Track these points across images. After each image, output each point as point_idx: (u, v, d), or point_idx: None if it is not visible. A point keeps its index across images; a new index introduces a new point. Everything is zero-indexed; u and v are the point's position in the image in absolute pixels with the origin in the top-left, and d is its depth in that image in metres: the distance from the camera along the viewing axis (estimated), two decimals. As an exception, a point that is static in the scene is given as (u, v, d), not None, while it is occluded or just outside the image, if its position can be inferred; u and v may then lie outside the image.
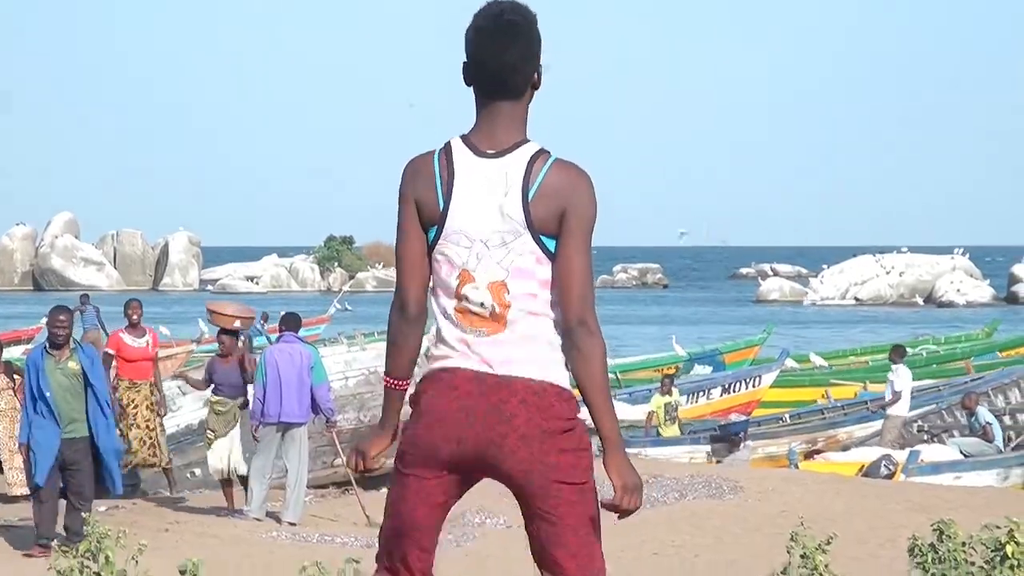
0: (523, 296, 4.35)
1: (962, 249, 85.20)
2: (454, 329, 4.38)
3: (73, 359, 12.75)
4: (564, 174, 4.34)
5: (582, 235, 4.34)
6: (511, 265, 4.34)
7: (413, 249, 4.41)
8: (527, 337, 4.35)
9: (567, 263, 4.32)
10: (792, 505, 15.41)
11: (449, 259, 4.39)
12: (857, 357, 37.33)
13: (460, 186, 4.36)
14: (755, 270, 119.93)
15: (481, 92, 4.40)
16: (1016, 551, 6.68)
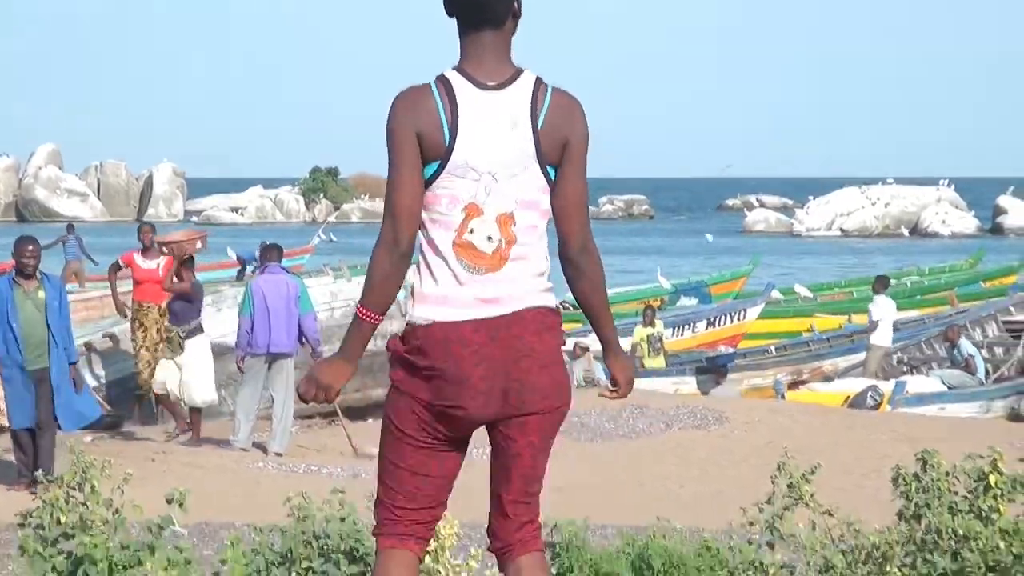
0: (526, 228, 4.37)
1: (947, 180, 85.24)
2: (449, 267, 4.34)
3: (42, 289, 12.70)
4: (564, 103, 4.37)
5: (581, 161, 4.40)
6: (520, 197, 4.35)
7: (411, 185, 4.36)
8: (524, 272, 4.36)
9: (571, 190, 4.40)
10: (778, 435, 15.47)
11: (453, 193, 4.34)
12: (842, 289, 37.37)
13: (466, 119, 4.32)
14: (741, 201, 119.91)
15: (465, 22, 4.36)
16: (999, 481, 6.70)
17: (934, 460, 6.82)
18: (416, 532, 4.51)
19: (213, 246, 53.53)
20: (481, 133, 4.32)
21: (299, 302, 15.32)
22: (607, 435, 16.67)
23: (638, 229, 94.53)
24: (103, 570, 6.69)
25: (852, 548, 6.86)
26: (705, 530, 9.19)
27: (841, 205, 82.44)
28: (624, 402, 18.36)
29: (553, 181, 4.38)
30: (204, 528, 11.63)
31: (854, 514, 7.07)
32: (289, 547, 7.01)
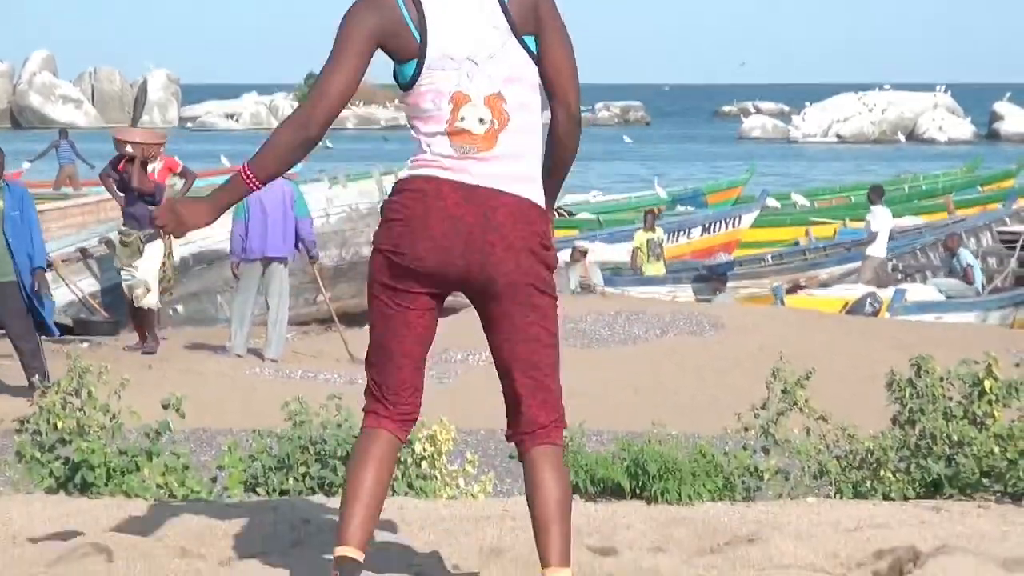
0: (518, 106, 4.32)
1: (944, 86, 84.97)
2: (443, 147, 4.34)
3: (1, 198, 12.51)
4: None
5: (557, 23, 4.34)
6: (504, 75, 4.30)
7: (340, 74, 4.31)
8: (515, 155, 4.32)
9: (557, 56, 4.34)
10: (773, 341, 15.49)
11: (436, 88, 4.32)
12: (836, 195, 37.34)
13: (432, 11, 4.29)
14: (737, 108, 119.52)
15: None
16: (994, 386, 6.72)
17: (928, 366, 6.83)
18: (392, 414, 4.48)
19: (208, 153, 53.42)
20: (450, 21, 4.29)
21: (295, 206, 15.29)
22: (602, 341, 16.71)
23: (634, 135, 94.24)
24: (101, 475, 6.72)
25: (846, 453, 6.89)
26: (700, 436, 9.23)
27: (838, 111, 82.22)
28: (620, 308, 18.38)
29: (535, 52, 4.32)
30: (202, 434, 11.69)
31: (849, 420, 7.09)
32: (286, 452, 7.04)
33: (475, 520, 5.67)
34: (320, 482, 6.94)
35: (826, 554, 5.18)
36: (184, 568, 4.74)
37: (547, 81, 4.36)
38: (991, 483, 6.59)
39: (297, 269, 17.02)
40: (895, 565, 5.09)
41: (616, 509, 6.11)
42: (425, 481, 7.10)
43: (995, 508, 6.30)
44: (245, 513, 5.82)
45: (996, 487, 6.58)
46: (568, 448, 6.77)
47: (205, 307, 18.82)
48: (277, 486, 6.98)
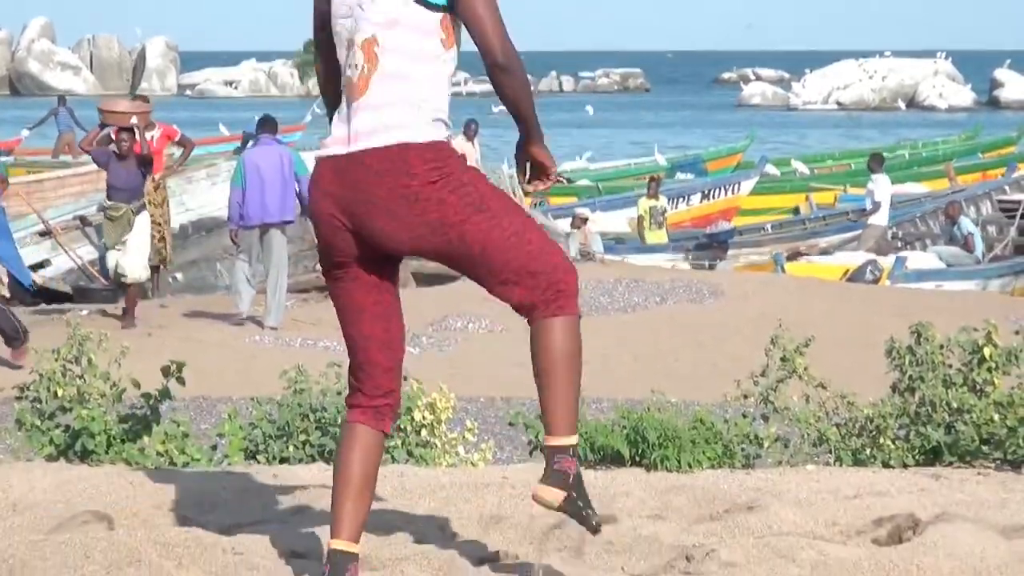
0: (392, 49, 4.20)
1: (944, 53, 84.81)
2: (334, 119, 4.34)
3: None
4: None
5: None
6: (380, 18, 4.20)
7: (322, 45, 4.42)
8: (385, 103, 4.20)
9: (466, 5, 4.17)
10: (773, 309, 15.49)
11: (339, 35, 4.31)
12: (837, 161, 37.28)
13: None
14: (737, 75, 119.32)
15: None
16: (993, 353, 6.72)
17: (928, 333, 6.83)
18: (368, 404, 4.40)
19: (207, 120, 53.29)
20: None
21: (294, 169, 15.20)
22: (602, 309, 16.71)
23: (634, 102, 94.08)
24: (101, 443, 6.73)
25: (846, 421, 6.90)
26: (700, 403, 9.24)
27: (838, 78, 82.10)
28: (620, 275, 18.38)
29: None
30: (202, 402, 11.70)
31: (848, 387, 7.10)
32: (286, 420, 7.05)
33: (475, 487, 5.68)
34: (320, 450, 6.95)
35: (826, 522, 5.18)
36: (185, 536, 4.75)
37: (468, 32, 4.21)
38: (990, 450, 6.59)
39: (296, 236, 17.00)
40: (894, 532, 5.10)
41: (615, 476, 6.11)
42: (425, 449, 7.11)
43: (994, 475, 6.30)
44: (245, 481, 5.82)
45: (996, 454, 6.59)
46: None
47: (204, 274, 18.82)
48: (277, 454, 6.99)
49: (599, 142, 54.86)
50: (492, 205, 4.23)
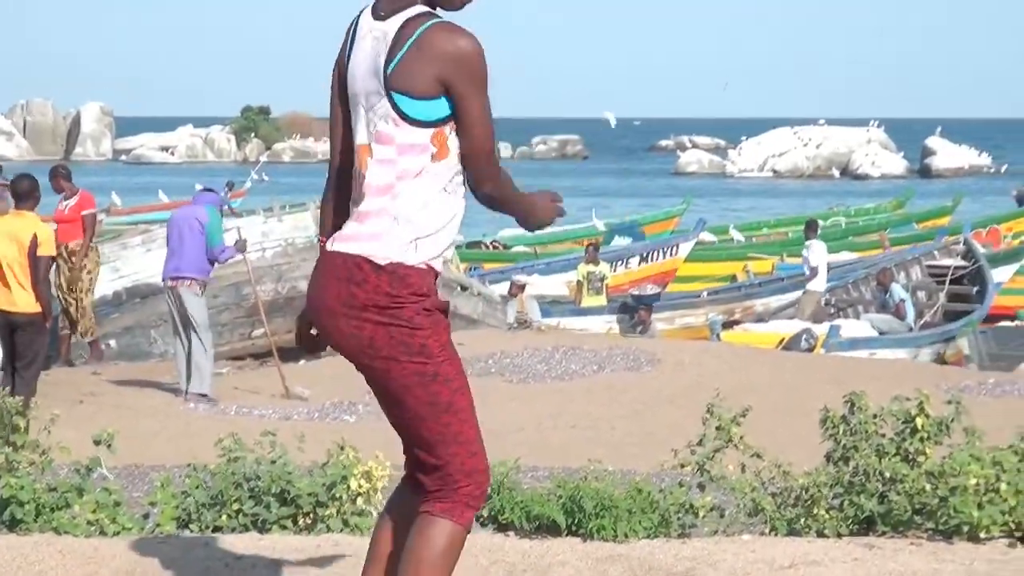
0: (380, 163, 4.20)
1: (877, 121, 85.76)
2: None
3: None
4: (440, 36, 4.13)
5: (476, 94, 4.15)
6: (373, 128, 4.22)
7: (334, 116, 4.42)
8: (372, 211, 4.20)
9: (463, 136, 4.18)
10: (709, 377, 15.54)
11: (349, 120, 4.35)
12: (772, 229, 37.56)
13: (355, 49, 4.27)
14: (674, 142, 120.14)
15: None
16: (925, 423, 6.76)
17: (862, 402, 6.86)
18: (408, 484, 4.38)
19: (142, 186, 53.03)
20: (356, 59, 4.25)
21: (204, 228, 14.85)
22: (539, 376, 16.70)
23: (572, 170, 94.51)
24: (30, 512, 6.64)
25: (781, 490, 6.90)
26: (637, 472, 9.24)
27: (773, 146, 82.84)
28: (557, 343, 18.38)
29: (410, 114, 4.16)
30: (134, 470, 11.58)
31: (784, 456, 7.11)
32: (220, 489, 6.99)
33: (409, 558, 5.62)
34: (254, 519, 6.89)
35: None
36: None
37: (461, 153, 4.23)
38: (923, 520, 6.62)
39: (232, 303, 16.91)
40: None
41: (551, 546, 6.09)
42: (361, 518, 7.06)
43: (927, 545, 6.32)
44: (177, 550, 5.76)
45: (928, 524, 6.61)
46: (503, 485, 6.75)
47: (138, 341, 18.67)
48: (210, 523, 6.92)
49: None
50: (432, 365, 4.16)
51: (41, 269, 12.15)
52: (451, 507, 4.17)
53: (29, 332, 12.26)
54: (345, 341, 4.20)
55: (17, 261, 12.19)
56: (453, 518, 4.16)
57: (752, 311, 24.51)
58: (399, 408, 4.21)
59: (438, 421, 4.17)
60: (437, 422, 4.17)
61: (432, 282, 4.20)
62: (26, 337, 12.28)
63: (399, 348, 4.14)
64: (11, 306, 12.23)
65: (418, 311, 4.14)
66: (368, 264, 4.16)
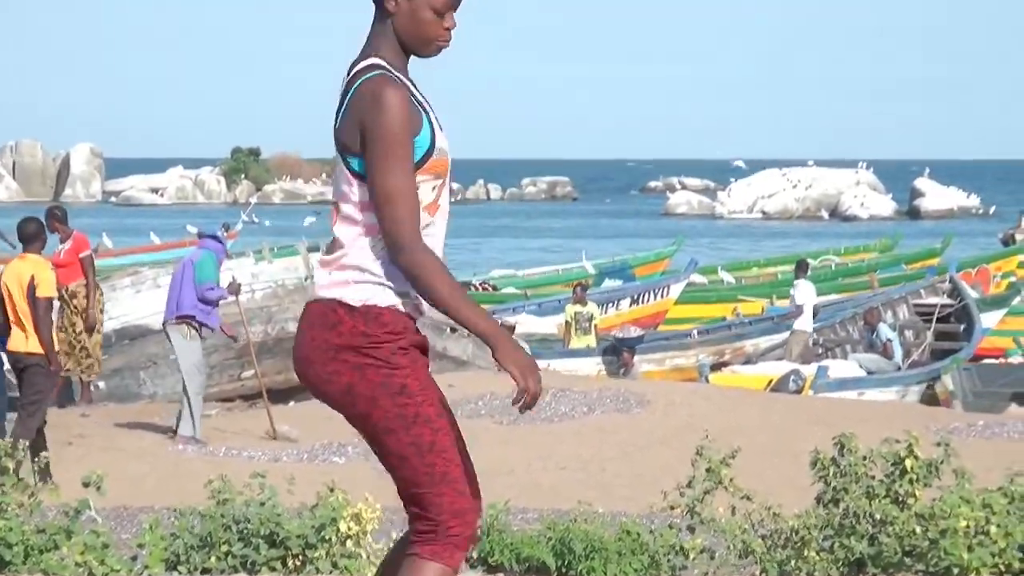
0: (344, 220, 4.22)
1: (866, 163, 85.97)
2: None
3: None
4: (366, 90, 4.14)
5: (376, 155, 4.12)
6: (338, 186, 4.25)
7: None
8: (342, 263, 4.22)
9: (371, 187, 4.16)
10: (699, 419, 15.53)
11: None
12: (761, 269, 37.58)
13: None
14: (663, 184, 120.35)
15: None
16: (915, 465, 6.76)
17: (851, 444, 6.87)
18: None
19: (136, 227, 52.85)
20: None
21: (195, 268, 14.87)
22: (528, 418, 16.67)
23: (561, 211, 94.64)
24: (19, 554, 6.63)
25: (771, 532, 6.90)
26: (626, 514, 9.22)
27: (763, 187, 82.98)
28: (547, 385, 18.32)
29: (358, 171, 4.17)
30: (122, 512, 11.54)
31: (773, 498, 7.11)
32: (209, 531, 6.97)
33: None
34: (243, 560, 6.88)
35: (751, 634, 5.17)
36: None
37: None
38: (913, 562, 6.62)
39: (221, 344, 16.89)
40: (819, 645, 5.09)
41: (541, 589, 6.08)
42: (350, 560, 7.04)
43: (918, 587, 6.31)
44: (166, 594, 5.75)
45: (918, 566, 6.61)
46: (493, 527, 6.74)
47: (128, 383, 18.65)
48: (199, 564, 6.91)
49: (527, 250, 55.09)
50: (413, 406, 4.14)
51: (40, 310, 12.28)
52: (439, 549, 4.15)
53: (32, 373, 12.42)
54: (324, 388, 4.21)
55: (21, 304, 12.32)
56: (441, 560, 4.13)
57: (742, 352, 24.53)
58: (383, 451, 4.21)
59: (423, 461, 4.15)
60: (422, 462, 4.16)
61: (407, 322, 4.20)
62: (29, 378, 12.43)
63: (379, 389, 4.14)
64: (20, 347, 12.39)
65: (394, 350, 4.14)
66: (342, 307, 4.17)
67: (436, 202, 4.24)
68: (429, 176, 4.21)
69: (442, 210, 4.27)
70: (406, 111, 4.12)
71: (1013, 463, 11.93)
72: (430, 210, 4.22)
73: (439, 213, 4.26)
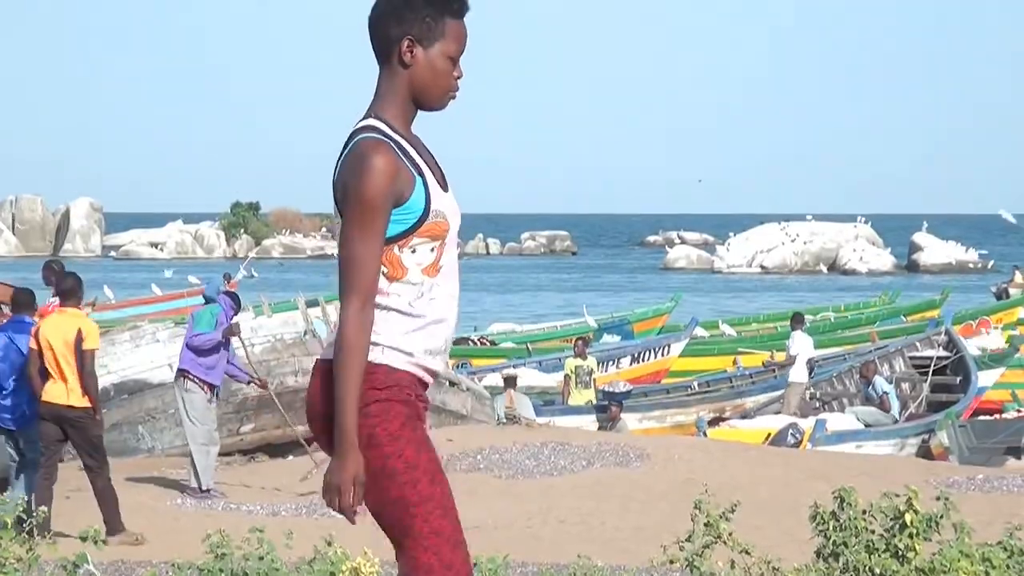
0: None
1: (864, 217, 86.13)
2: None
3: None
4: (354, 152, 4.17)
5: (347, 218, 4.16)
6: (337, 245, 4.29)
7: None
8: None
9: (338, 245, 4.20)
10: (698, 473, 15.51)
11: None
12: (761, 324, 37.64)
13: None
14: (662, 237, 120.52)
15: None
16: (915, 519, 6.75)
17: (851, 498, 6.86)
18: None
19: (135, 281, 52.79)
20: None
21: (194, 322, 15.05)
22: (528, 472, 16.66)
23: (560, 265, 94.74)
24: (17, 610, 6.61)
25: (771, 586, 6.89)
26: (626, 568, 9.20)
27: (761, 242, 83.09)
28: (546, 439, 18.35)
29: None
30: (120, 566, 11.51)
31: (773, 552, 7.10)
32: (207, 586, 6.96)
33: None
34: (241, 616, 6.86)
35: None
36: None
37: None
38: (914, 616, 6.60)
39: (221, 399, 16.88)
40: None
41: (540, 643, 6.06)
42: (348, 615, 7.02)
43: (918, 641, 6.29)
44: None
45: (919, 620, 6.59)
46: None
47: (126, 437, 18.63)
48: (197, 621, 6.89)
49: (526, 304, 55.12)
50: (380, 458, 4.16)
51: (87, 362, 12.38)
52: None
53: (81, 425, 12.51)
54: (319, 442, 4.28)
55: (65, 356, 12.37)
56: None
57: (742, 408, 24.56)
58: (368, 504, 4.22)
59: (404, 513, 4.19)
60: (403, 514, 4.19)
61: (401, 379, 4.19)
62: (80, 432, 12.53)
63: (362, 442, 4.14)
64: (62, 399, 12.43)
65: (369, 401, 4.15)
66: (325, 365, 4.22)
67: (436, 264, 4.23)
68: (426, 239, 4.22)
69: (446, 271, 4.27)
70: (388, 179, 4.12)
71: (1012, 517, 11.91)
72: (429, 272, 4.22)
73: (442, 274, 4.26)
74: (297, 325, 19.57)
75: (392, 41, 4.22)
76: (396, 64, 4.24)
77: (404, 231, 4.19)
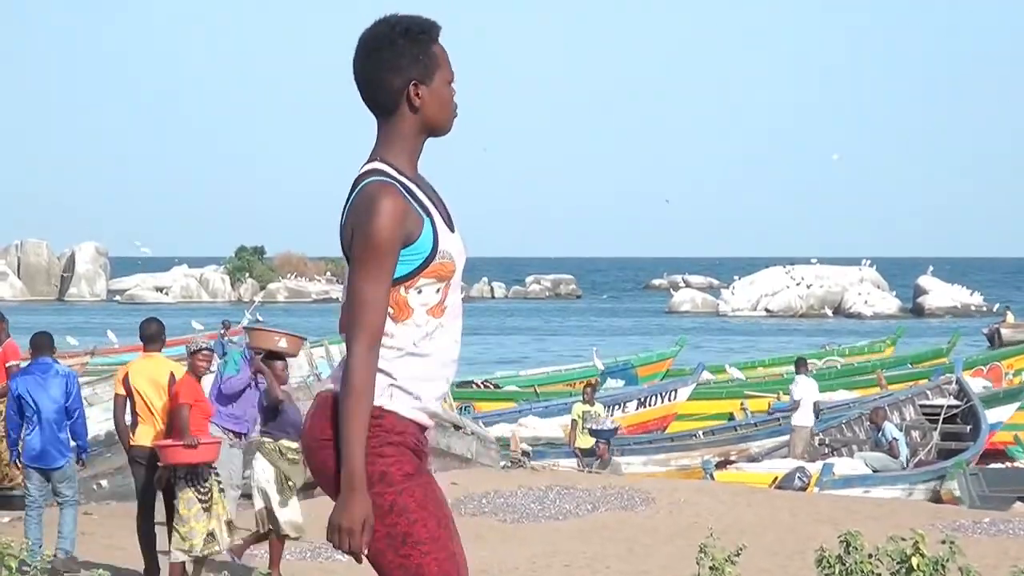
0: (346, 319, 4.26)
1: (869, 261, 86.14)
2: None
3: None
4: (362, 196, 4.20)
5: (356, 260, 4.18)
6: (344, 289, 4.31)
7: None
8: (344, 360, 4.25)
9: (347, 286, 4.22)
10: (703, 516, 15.48)
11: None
12: (767, 368, 37.63)
13: None
14: (667, 281, 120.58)
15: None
16: (921, 563, 6.73)
17: (857, 542, 6.84)
18: None
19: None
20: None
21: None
22: (533, 516, 16.62)
23: (565, 309, 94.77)
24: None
25: (777, 630, 6.86)
26: (631, 612, 9.16)
27: (766, 285, 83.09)
28: (551, 483, 18.32)
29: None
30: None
31: (779, 596, 7.07)
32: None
33: None
34: (245, 662, 6.83)
35: None
36: None
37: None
38: (921, 660, 6.57)
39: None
40: None
41: None
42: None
43: None
44: None
45: (926, 664, 6.56)
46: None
47: (129, 481, 18.59)
48: (201, 666, 6.86)
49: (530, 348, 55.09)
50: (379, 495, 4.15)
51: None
52: None
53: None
54: (317, 475, 4.25)
55: (152, 401, 12.46)
56: None
57: (747, 452, 24.55)
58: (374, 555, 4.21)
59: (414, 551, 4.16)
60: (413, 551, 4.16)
61: (408, 428, 4.20)
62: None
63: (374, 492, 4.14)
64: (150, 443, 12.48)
65: (384, 443, 4.16)
66: (332, 398, 4.21)
67: (442, 304, 4.26)
68: (432, 279, 4.24)
69: (450, 311, 4.29)
70: (397, 221, 4.15)
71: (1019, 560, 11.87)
72: (435, 312, 4.25)
73: (447, 314, 4.28)
74: (301, 368, 19.57)
75: (398, 92, 4.26)
76: (405, 111, 4.28)
77: (411, 271, 4.21)
